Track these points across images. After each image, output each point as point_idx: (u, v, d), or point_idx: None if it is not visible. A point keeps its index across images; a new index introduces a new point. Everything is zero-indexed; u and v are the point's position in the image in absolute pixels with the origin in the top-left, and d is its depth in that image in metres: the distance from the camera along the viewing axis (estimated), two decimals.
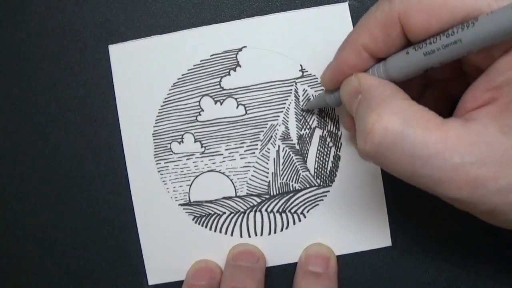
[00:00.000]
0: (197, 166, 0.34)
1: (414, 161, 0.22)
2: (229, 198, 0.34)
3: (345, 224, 0.33)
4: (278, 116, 0.34)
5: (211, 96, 0.34)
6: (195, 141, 0.34)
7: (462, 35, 0.22)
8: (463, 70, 0.27)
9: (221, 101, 0.34)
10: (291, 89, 0.33)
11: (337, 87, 0.28)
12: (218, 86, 0.34)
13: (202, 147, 0.34)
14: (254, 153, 0.34)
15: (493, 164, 0.21)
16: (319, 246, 0.33)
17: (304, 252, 0.33)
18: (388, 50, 0.25)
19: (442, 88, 0.29)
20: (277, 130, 0.34)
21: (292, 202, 0.34)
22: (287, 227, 0.34)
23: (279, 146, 0.34)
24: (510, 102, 0.22)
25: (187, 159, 0.34)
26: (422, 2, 0.23)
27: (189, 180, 0.34)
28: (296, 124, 0.34)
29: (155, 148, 0.34)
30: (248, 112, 0.34)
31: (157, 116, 0.34)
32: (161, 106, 0.34)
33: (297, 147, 0.34)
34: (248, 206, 0.34)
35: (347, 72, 0.27)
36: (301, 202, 0.34)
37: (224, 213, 0.34)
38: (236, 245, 0.34)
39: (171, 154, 0.34)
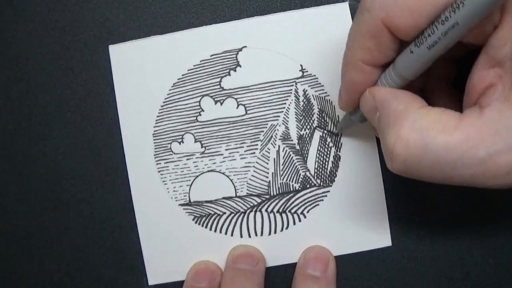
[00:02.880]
0: (197, 166, 0.34)
1: (443, 167, 0.22)
2: (229, 198, 0.34)
3: (345, 224, 0.33)
4: (278, 116, 0.34)
5: (211, 96, 0.34)
6: (195, 141, 0.34)
7: (457, 17, 0.21)
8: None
9: (221, 101, 0.34)
10: (291, 89, 0.33)
11: (356, 106, 0.28)
12: (218, 86, 0.34)
13: (202, 147, 0.34)
14: (254, 153, 0.34)
15: None
16: (318, 249, 0.33)
17: (302, 255, 0.33)
18: (387, 56, 0.25)
19: (442, 74, 0.29)
20: (277, 130, 0.34)
21: (292, 202, 0.34)
22: (287, 227, 0.34)
23: (279, 146, 0.34)
24: None
25: (187, 159, 0.34)
26: (399, 2, 0.23)
27: (189, 180, 0.34)
28: (296, 124, 0.34)
29: (155, 148, 0.34)
30: (248, 112, 0.34)
31: (157, 116, 0.34)
32: (161, 106, 0.34)
33: (297, 147, 0.34)
34: (248, 206, 0.34)
35: (359, 91, 0.27)
36: (301, 202, 0.34)
37: (224, 213, 0.34)
38: (236, 246, 0.34)
39: (171, 154, 0.34)
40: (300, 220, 0.34)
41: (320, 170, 0.33)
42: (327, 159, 0.33)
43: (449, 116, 0.23)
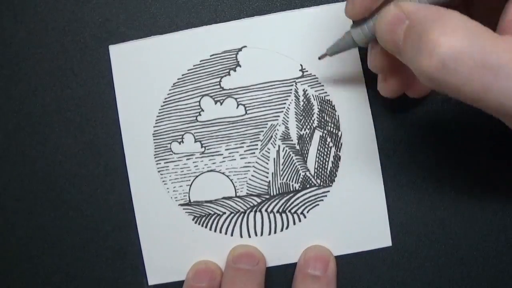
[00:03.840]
0: (197, 166, 0.34)
1: (485, 72, 0.21)
2: (229, 198, 0.34)
3: (345, 224, 0.33)
4: (278, 116, 0.34)
5: (211, 96, 0.34)
6: (195, 141, 0.34)
7: None
8: None
9: (221, 101, 0.34)
10: (291, 89, 0.33)
11: (367, 12, 0.26)
12: (218, 86, 0.34)
13: (202, 147, 0.34)
14: (254, 153, 0.34)
15: None
16: (318, 249, 0.33)
17: (303, 254, 0.33)
18: None
19: (484, 3, 0.28)
20: (277, 130, 0.34)
21: (292, 202, 0.34)
22: (287, 227, 0.34)
23: (279, 146, 0.34)
24: None
25: (187, 159, 0.34)
26: None
27: (189, 180, 0.34)
28: (296, 124, 0.34)
29: (155, 148, 0.34)
30: (248, 112, 0.34)
31: (157, 116, 0.34)
32: (161, 106, 0.34)
33: (297, 147, 0.34)
34: (248, 206, 0.34)
35: None
36: (301, 202, 0.34)
37: (224, 213, 0.34)
38: (236, 246, 0.34)
39: (171, 154, 0.34)
40: (300, 220, 0.34)
41: (320, 170, 0.33)
42: (327, 159, 0.33)
43: (491, 30, 0.22)
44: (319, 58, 0.30)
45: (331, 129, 0.33)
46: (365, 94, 0.33)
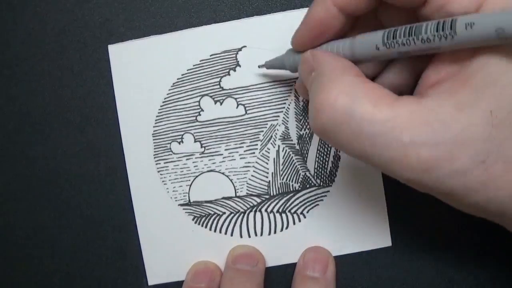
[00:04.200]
0: (197, 166, 0.34)
1: (363, 140, 0.21)
2: (229, 198, 0.34)
3: (345, 224, 0.33)
4: (278, 116, 0.33)
5: (210, 96, 0.34)
6: (195, 141, 0.34)
7: (441, 44, 0.21)
8: None
9: (221, 101, 0.34)
10: (291, 89, 0.33)
11: (305, 49, 0.27)
12: (218, 86, 0.34)
13: (202, 147, 0.34)
14: (254, 153, 0.34)
15: (448, 144, 0.20)
16: (317, 250, 0.33)
17: (302, 256, 0.33)
18: (357, 5, 0.24)
19: (406, 62, 0.28)
20: (277, 130, 0.34)
21: (292, 202, 0.34)
22: (287, 227, 0.34)
23: (279, 146, 0.34)
24: (469, 76, 0.20)
25: (187, 159, 0.34)
26: None
27: (189, 180, 0.34)
28: (296, 124, 0.34)
29: (155, 148, 0.34)
30: (248, 112, 0.34)
31: (157, 116, 0.34)
32: (161, 106, 0.34)
33: (297, 147, 0.34)
34: (248, 206, 0.34)
35: (317, 30, 0.26)
36: (301, 202, 0.34)
37: (224, 213, 0.34)
38: (235, 247, 0.34)
39: (171, 154, 0.34)
40: (300, 220, 0.34)
41: (320, 170, 0.33)
42: (327, 159, 0.33)
43: (387, 93, 0.22)
44: (259, 67, 0.32)
45: None
46: None
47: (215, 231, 0.34)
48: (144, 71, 0.34)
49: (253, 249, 0.33)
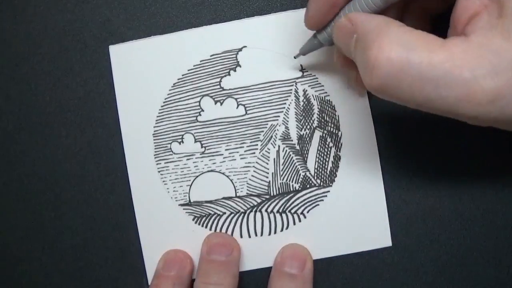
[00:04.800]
0: (197, 166, 0.34)
1: (425, 85, 0.21)
2: (229, 198, 0.34)
3: (345, 224, 0.33)
4: (278, 116, 0.34)
5: (211, 96, 0.34)
6: (195, 141, 0.34)
7: None
8: None
9: (221, 101, 0.34)
10: (291, 89, 0.33)
11: (320, 24, 0.27)
12: (218, 86, 0.34)
13: (202, 147, 0.34)
14: (254, 153, 0.34)
15: (506, 72, 0.21)
16: (295, 247, 0.33)
17: (280, 253, 0.33)
18: None
19: (420, 8, 0.29)
20: (277, 130, 0.34)
21: (292, 202, 0.34)
22: (287, 227, 0.34)
23: (279, 146, 0.34)
24: (502, 5, 0.21)
25: (187, 159, 0.34)
26: None
27: (189, 180, 0.34)
28: (296, 124, 0.34)
29: (155, 148, 0.34)
30: (248, 112, 0.34)
31: (157, 116, 0.34)
32: (161, 106, 0.34)
33: (297, 147, 0.34)
34: (248, 206, 0.34)
35: (328, 3, 0.26)
36: (301, 202, 0.34)
37: (224, 213, 0.34)
38: (210, 235, 0.33)
39: (171, 154, 0.34)
40: (300, 220, 0.34)
41: (320, 170, 0.33)
42: (327, 159, 0.33)
43: (434, 37, 0.22)
44: (295, 57, 0.31)
45: (331, 129, 0.33)
46: (365, 94, 0.33)
47: (215, 231, 0.34)
48: (144, 71, 0.34)
49: (228, 237, 0.33)
